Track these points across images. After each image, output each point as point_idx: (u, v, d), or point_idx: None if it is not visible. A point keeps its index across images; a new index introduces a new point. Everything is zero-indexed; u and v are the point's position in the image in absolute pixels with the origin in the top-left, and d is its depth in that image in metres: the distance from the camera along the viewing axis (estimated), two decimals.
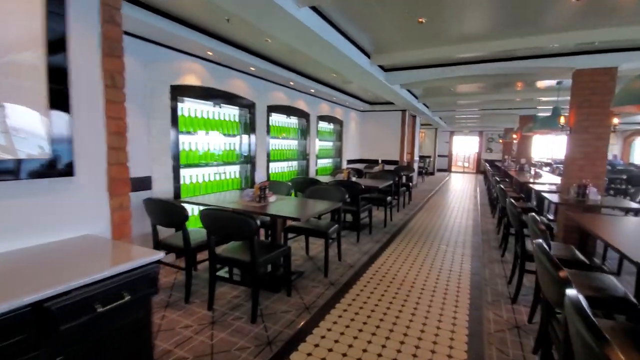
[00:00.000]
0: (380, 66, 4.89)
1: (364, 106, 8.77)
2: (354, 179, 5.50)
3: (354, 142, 9.21)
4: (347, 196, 3.67)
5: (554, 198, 4.17)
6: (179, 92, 3.66)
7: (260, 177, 5.01)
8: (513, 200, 3.06)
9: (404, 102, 7.41)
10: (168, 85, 3.52)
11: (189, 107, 3.99)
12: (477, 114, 10.83)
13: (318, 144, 7.27)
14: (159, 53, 3.43)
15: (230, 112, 4.69)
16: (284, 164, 6.12)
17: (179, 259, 3.53)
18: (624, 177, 7.97)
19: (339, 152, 8.34)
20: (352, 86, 6.72)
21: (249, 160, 4.94)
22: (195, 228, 3.12)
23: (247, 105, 4.80)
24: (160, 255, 1.39)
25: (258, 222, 2.29)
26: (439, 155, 17.89)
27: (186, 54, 3.72)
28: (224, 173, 4.58)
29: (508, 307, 2.82)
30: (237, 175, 4.86)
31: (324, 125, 7.58)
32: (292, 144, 6.47)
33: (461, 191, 10.45)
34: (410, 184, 7.98)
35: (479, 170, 18.09)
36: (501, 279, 3.42)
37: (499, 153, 17.63)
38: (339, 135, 8.29)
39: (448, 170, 18.48)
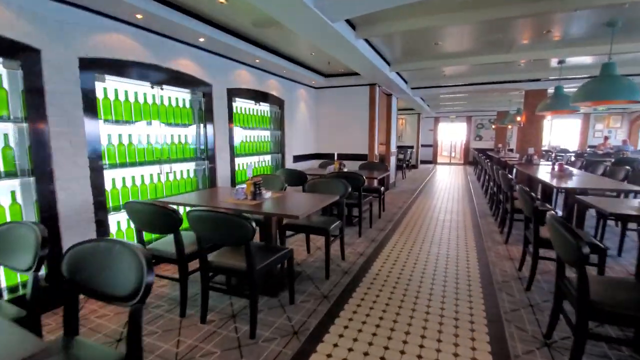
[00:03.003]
0: None
1: (317, 80, 6.24)
2: (267, 195, 3.00)
3: (305, 131, 6.70)
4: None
5: None
6: None
7: None
8: None
9: (368, 66, 4.94)
10: None
11: None
12: (467, 92, 8.47)
13: (240, 134, 4.76)
14: None
15: None
16: (152, 169, 3.55)
17: None
18: None
19: (279, 146, 5.82)
20: (285, 39, 4.20)
21: (27, 172, 2.38)
22: None
23: (18, 56, 2.22)
24: None
25: None
26: (422, 145, 15.59)
27: None
28: None
29: None
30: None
31: (247, 105, 5.03)
32: (180, 133, 3.92)
33: (451, 191, 8.14)
34: (382, 188, 5.58)
35: (467, 161, 15.95)
36: None
37: (489, 141, 15.48)
38: (278, 121, 5.75)
39: (433, 161, 16.24)
